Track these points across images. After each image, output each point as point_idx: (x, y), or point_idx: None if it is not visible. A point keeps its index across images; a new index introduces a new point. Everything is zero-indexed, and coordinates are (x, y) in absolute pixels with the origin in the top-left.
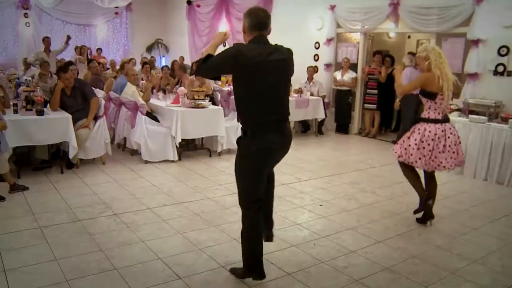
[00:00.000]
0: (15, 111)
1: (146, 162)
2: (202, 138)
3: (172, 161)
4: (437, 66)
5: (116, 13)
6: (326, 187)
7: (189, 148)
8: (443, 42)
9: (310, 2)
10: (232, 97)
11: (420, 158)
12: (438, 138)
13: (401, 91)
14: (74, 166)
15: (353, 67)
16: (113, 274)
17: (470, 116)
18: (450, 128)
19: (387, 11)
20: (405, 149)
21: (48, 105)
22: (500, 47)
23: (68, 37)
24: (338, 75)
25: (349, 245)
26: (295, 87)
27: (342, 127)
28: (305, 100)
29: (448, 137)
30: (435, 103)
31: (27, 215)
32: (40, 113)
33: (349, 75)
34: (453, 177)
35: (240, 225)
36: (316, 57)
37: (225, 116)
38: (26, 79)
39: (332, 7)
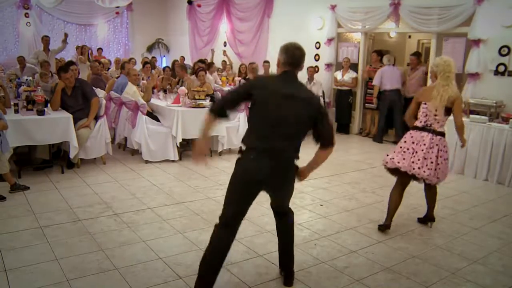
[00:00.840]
0: (16, 111)
1: (147, 161)
2: None
3: (173, 161)
4: (438, 91)
5: (117, 12)
6: (326, 187)
7: (190, 148)
8: (444, 42)
9: (310, 2)
10: None
11: (403, 159)
12: (417, 143)
13: (408, 119)
14: (75, 166)
15: (354, 67)
16: (113, 274)
17: (471, 116)
18: (432, 139)
19: (388, 11)
20: (415, 161)
21: (48, 105)
22: (501, 47)
23: (66, 35)
24: (338, 75)
25: (349, 245)
26: None
27: (343, 127)
28: None
29: (430, 148)
30: (419, 111)
31: (27, 215)
32: (40, 113)
33: (349, 75)
34: (453, 177)
35: (241, 224)
36: (316, 57)
37: None
38: (26, 79)
39: (333, 7)
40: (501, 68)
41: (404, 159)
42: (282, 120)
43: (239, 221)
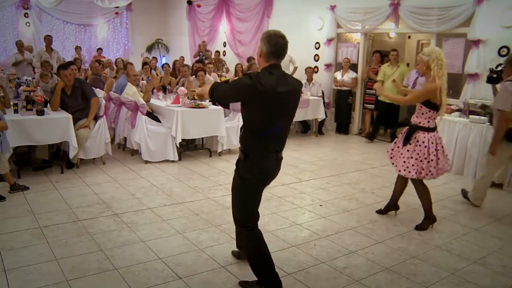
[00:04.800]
0: (16, 111)
1: (146, 162)
2: (203, 138)
3: (172, 161)
4: (439, 78)
5: (116, 13)
6: (326, 187)
7: (189, 148)
8: (443, 42)
9: (310, 2)
10: None
11: (432, 168)
12: (438, 147)
13: (408, 103)
14: (74, 166)
15: (354, 67)
16: (113, 274)
17: (471, 116)
18: (440, 137)
19: (387, 11)
20: (413, 165)
21: (48, 105)
22: (501, 48)
23: None
24: (338, 75)
25: (349, 245)
26: None
27: (342, 127)
28: (305, 101)
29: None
30: (436, 113)
31: (27, 215)
32: (40, 113)
33: (349, 75)
34: (453, 178)
35: None
36: (316, 57)
37: (225, 116)
38: (26, 79)
39: (332, 7)
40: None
41: (435, 164)
42: (285, 119)
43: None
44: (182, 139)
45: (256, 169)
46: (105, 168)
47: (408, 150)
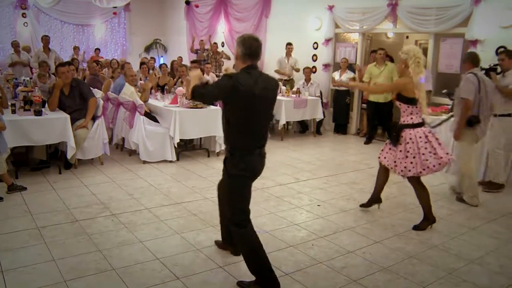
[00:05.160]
0: (13, 111)
1: (144, 162)
2: (201, 138)
3: (170, 161)
4: (415, 75)
5: (114, 13)
6: (324, 187)
7: (187, 148)
8: (441, 42)
9: (308, 3)
10: None
11: (429, 163)
12: (430, 139)
13: (374, 91)
14: (72, 166)
15: (351, 67)
16: (111, 274)
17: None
18: (430, 131)
19: (385, 11)
20: (411, 163)
21: (46, 105)
22: (498, 48)
23: None
24: (336, 75)
25: (347, 245)
26: (294, 88)
27: (340, 128)
28: (303, 101)
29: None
30: (416, 107)
31: (25, 215)
32: (38, 113)
33: (347, 76)
34: (450, 178)
35: None
36: (314, 57)
37: None
38: (24, 79)
39: (331, 7)
40: (498, 69)
41: (425, 161)
42: (266, 117)
43: None
44: (180, 139)
45: (242, 165)
46: (103, 169)
47: (401, 151)
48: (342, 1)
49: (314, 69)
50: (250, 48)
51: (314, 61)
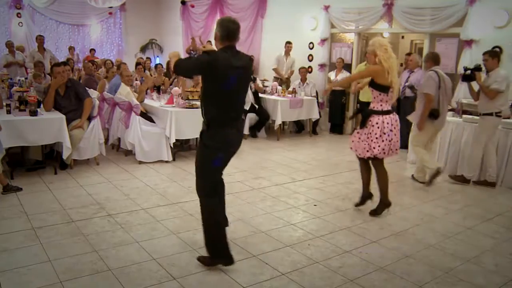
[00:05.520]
0: (8, 112)
1: (140, 162)
2: (197, 138)
3: (166, 162)
4: (385, 61)
5: (110, 13)
6: (320, 187)
7: (183, 148)
8: (436, 42)
9: (304, 3)
10: None
11: (384, 149)
12: (394, 127)
13: (349, 80)
14: (68, 166)
15: (347, 67)
16: (107, 275)
17: (464, 116)
18: (396, 119)
19: (381, 11)
20: (368, 144)
21: (41, 106)
22: (493, 48)
23: None
24: (332, 75)
25: (343, 245)
26: (290, 88)
27: (336, 127)
28: (299, 101)
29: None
30: (387, 95)
31: (20, 216)
32: (33, 113)
33: (343, 76)
34: (447, 177)
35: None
36: (310, 58)
37: None
38: (19, 79)
39: (326, 8)
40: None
41: (386, 146)
42: (242, 91)
43: (220, 186)
44: (176, 139)
45: (218, 137)
46: (99, 169)
47: (365, 133)
48: (337, 1)
49: (310, 69)
50: (228, 29)
51: (310, 61)
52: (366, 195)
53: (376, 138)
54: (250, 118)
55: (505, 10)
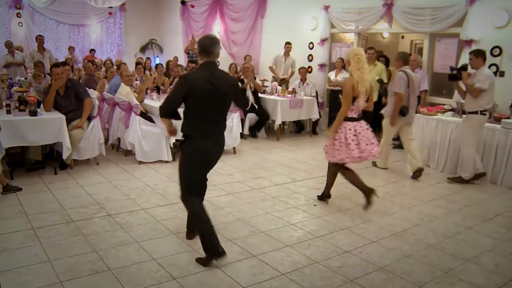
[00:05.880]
0: (8, 112)
1: (140, 162)
2: None
3: (166, 162)
4: (355, 71)
5: (110, 13)
6: (320, 187)
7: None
8: (436, 42)
9: (304, 3)
10: None
11: (349, 154)
12: (359, 133)
13: (344, 110)
14: (68, 166)
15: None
16: (107, 275)
17: (463, 116)
18: (366, 124)
19: (381, 11)
20: (337, 150)
21: (41, 106)
22: (493, 48)
23: None
24: (332, 75)
25: (343, 245)
26: (289, 88)
27: None
28: (299, 101)
29: (365, 132)
30: (353, 104)
31: (20, 216)
32: (33, 113)
33: (343, 76)
34: (446, 177)
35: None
36: (310, 58)
37: None
38: (19, 79)
39: (326, 8)
40: (493, 69)
41: (351, 151)
42: (219, 105)
43: (204, 190)
44: (176, 139)
45: (195, 147)
46: (99, 169)
47: (335, 139)
48: (337, 1)
49: (309, 69)
50: (203, 46)
51: (310, 61)
52: (327, 193)
53: (340, 143)
54: (250, 118)
55: (505, 10)
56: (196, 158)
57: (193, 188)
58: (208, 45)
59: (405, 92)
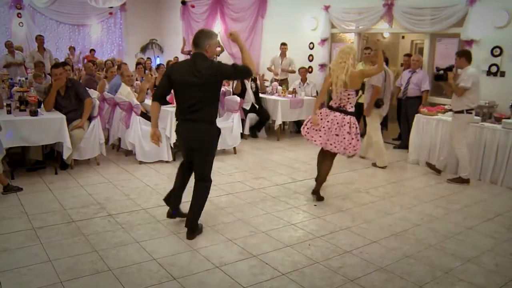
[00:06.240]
0: (9, 112)
1: (141, 162)
2: None
3: (167, 162)
4: (333, 64)
5: (110, 13)
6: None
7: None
8: (437, 42)
9: (304, 3)
10: (226, 97)
11: (319, 136)
12: (331, 122)
13: (318, 96)
14: (68, 167)
15: None
16: (107, 275)
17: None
18: (343, 119)
19: (381, 11)
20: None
21: (42, 106)
22: (493, 48)
23: None
24: None
25: (343, 245)
26: (290, 88)
27: None
28: (300, 101)
29: (342, 126)
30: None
31: (21, 216)
32: (33, 113)
33: None
34: (446, 177)
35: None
36: (310, 58)
37: (219, 117)
38: (19, 80)
39: (327, 8)
40: (494, 69)
41: (320, 136)
42: (198, 92)
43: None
44: (176, 139)
45: (176, 128)
46: (99, 169)
47: (319, 125)
48: (338, 1)
49: (310, 69)
50: (194, 38)
51: (310, 61)
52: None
53: (321, 128)
54: (251, 118)
55: (505, 10)
56: (177, 137)
57: (182, 156)
58: (197, 37)
59: (382, 86)
